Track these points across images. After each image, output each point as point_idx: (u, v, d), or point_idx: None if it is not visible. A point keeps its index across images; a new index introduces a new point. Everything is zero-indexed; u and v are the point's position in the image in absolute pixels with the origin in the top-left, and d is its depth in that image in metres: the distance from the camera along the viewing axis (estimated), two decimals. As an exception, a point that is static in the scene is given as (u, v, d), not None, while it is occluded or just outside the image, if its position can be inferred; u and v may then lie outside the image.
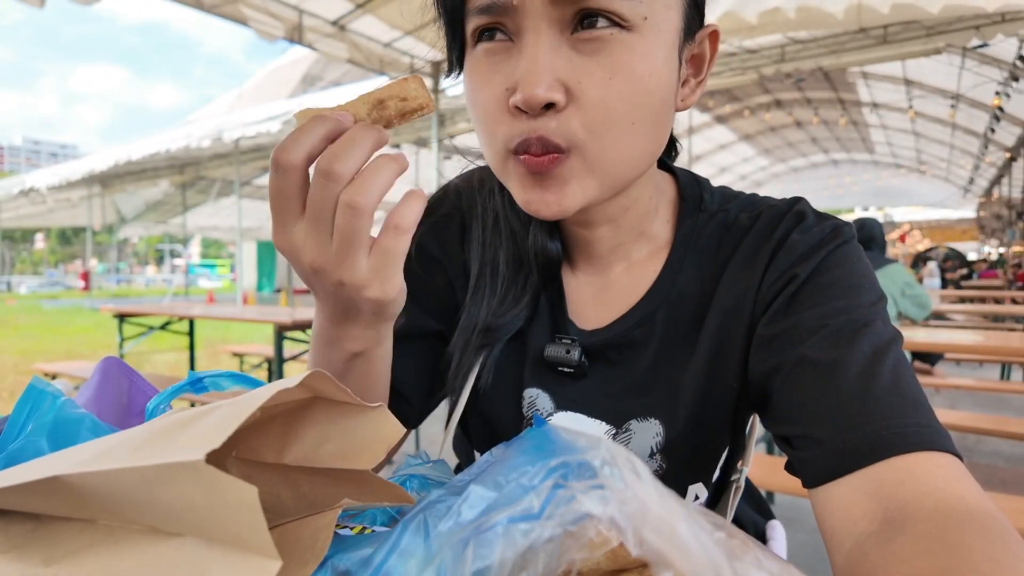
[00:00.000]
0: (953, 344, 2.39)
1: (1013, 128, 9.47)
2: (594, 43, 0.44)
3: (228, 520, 0.24)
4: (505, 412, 0.61)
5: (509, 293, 0.60)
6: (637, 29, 0.44)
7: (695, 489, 0.59)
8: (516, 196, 0.50)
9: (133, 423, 0.51)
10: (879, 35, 5.29)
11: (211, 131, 8.51)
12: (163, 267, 48.70)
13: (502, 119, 0.47)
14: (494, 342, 0.60)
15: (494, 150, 0.49)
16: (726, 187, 0.62)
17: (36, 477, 0.26)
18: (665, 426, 0.56)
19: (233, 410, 0.27)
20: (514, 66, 0.46)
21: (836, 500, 0.41)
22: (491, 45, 0.47)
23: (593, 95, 0.44)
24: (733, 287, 0.54)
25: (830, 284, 0.49)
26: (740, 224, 0.56)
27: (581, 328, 0.60)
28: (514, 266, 0.61)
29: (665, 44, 0.46)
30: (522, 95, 0.44)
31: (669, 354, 0.57)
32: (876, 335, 0.45)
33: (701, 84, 0.53)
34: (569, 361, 0.58)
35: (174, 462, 0.23)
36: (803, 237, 0.52)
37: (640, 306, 0.58)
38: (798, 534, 2.20)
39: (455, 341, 0.61)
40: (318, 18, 4.71)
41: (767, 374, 0.49)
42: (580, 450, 0.24)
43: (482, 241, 0.62)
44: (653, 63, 0.45)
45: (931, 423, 0.41)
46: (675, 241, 0.58)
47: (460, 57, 0.51)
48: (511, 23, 0.45)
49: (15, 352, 7.27)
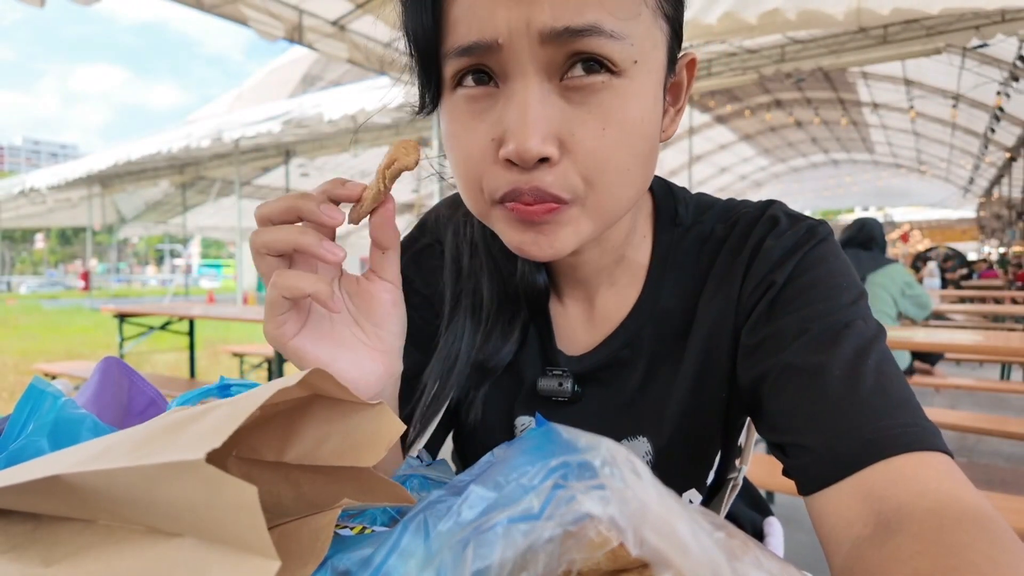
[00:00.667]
0: (953, 344, 2.39)
1: (1013, 128, 9.47)
2: (584, 91, 0.42)
3: (228, 520, 0.24)
4: (497, 438, 0.61)
5: (496, 328, 0.59)
6: (627, 73, 0.42)
7: (689, 495, 0.59)
8: (506, 239, 0.48)
9: (133, 423, 0.51)
10: (879, 35, 5.29)
11: (211, 131, 8.53)
12: (163, 267, 48.71)
13: (488, 169, 0.45)
14: (488, 380, 0.59)
15: (478, 198, 0.47)
16: (703, 194, 0.61)
17: (36, 476, 0.26)
18: (652, 442, 0.57)
19: (233, 409, 0.27)
20: (500, 114, 0.43)
21: (830, 506, 0.41)
22: (473, 91, 0.44)
23: (587, 147, 0.43)
24: (714, 300, 0.54)
25: (808, 287, 0.49)
26: (716, 236, 0.56)
27: (570, 355, 0.59)
28: (499, 300, 0.59)
29: (654, 84, 0.45)
30: (515, 148, 0.41)
31: (656, 372, 0.57)
32: (858, 335, 0.45)
33: (680, 112, 0.52)
34: (562, 393, 0.58)
35: (174, 461, 0.23)
36: (777, 242, 0.51)
37: (625, 326, 0.57)
38: (797, 534, 2.20)
39: (430, 370, 0.58)
40: (318, 18, 4.72)
41: (755, 382, 0.49)
42: (580, 450, 0.24)
43: (456, 269, 0.61)
44: (644, 107, 0.44)
45: (918, 421, 0.41)
46: (653, 259, 0.58)
47: (435, 97, 0.47)
48: (496, 65, 0.42)
49: (15, 352, 7.27)
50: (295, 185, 12.99)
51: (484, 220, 0.49)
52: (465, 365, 0.58)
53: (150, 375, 4.13)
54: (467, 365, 0.58)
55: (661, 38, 0.45)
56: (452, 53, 0.43)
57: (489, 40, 0.41)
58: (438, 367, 0.58)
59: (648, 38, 0.43)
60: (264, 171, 12.86)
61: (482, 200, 0.47)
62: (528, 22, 0.40)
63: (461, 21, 0.42)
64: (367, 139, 9.45)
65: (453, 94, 0.45)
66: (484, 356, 0.58)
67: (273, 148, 10.67)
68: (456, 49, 0.42)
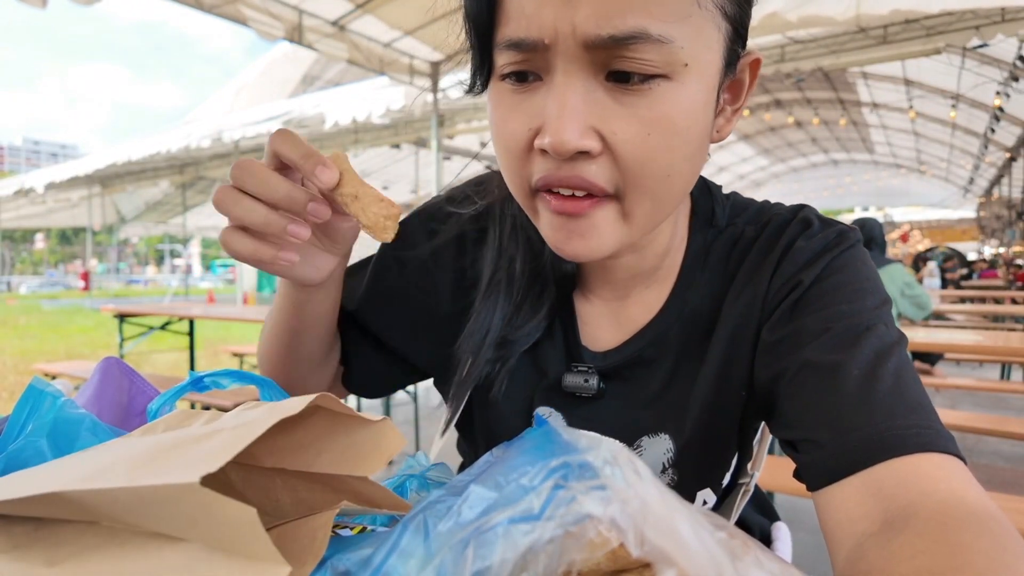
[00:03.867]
0: (953, 344, 2.39)
1: (1013, 128, 9.47)
2: (630, 92, 0.41)
3: (229, 535, 0.24)
4: (515, 427, 0.61)
5: (525, 302, 0.59)
6: (676, 76, 0.41)
7: (703, 495, 0.59)
8: (544, 234, 0.48)
9: (133, 423, 0.51)
10: (879, 35, 5.29)
11: (211, 131, 8.53)
12: (163, 267, 48.68)
13: (527, 158, 0.45)
14: (511, 356, 0.59)
15: (519, 187, 0.48)
16: (737, 195, 0.61)
17: (34, 492, 0.26)
18: (674, 440, 0.57)
19: (235, 435, 0.27)
20: (540, 105, 0.43)
21: (837, 501, 0.41)
22: (519, 86, 0.45)
23: (629, 150, 0.42)
24: (740, 298, 0.54)
25: (834, 288, 0.49)
26: (747, 237, 0.56)
27: (595, 351, 0.59)
28: (531, 275, 0.59)
29: (705, 88, 0.44)
30: (551, 140, 0.41)
31: (681, 370, 0.57)
32: (878, 338, 0.45)
33: (737, 112, 0.51)
34: (587, 389, 0.58)
35: (171, 483, 0.23)
36: (808, 244, 0.52)
37: (652, 326, 0.57)
38: (798, 533, 2.20)
39: (463, 346, 0.59)
40: (318, 18, 4.71)
41: (772, 379, 0.49)
42: (581, 450, 0.24)
43: (498, 246, 0.61)
44: (692, 111, 0.43)
45: (932, 424, 0.41)
46: (686, 259, 0.58)
47: (486, 80, 0.48)
48: (541, 61, 0.42)
49: (15, 352, 7.27)
50: (295, 185, 12.93)
51: (528, 212, 0.50)
52: (495, 339, 0.59)
53: (150, 375, 4.12)
54: (496, 339, 0.59)
55: (718, 38, 0.43)
56: (502, 44, 0.43)
57: (535, 39, 0.41)
58: (471, 342, 0.59)
59: (700, 39, 0.42)
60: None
61: (523, 188, 0.47)
62: (574, 26, 0.40)
63: (512, 16, 0.42)
64: (367, 139, 9.45)
65: (500, 83, 0.46)
66: (510, 329, 0.59)
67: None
68: (506, 42, 0.43)
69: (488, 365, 0.59)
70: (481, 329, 0.59)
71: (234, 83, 10.75)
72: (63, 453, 0.37)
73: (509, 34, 0.42)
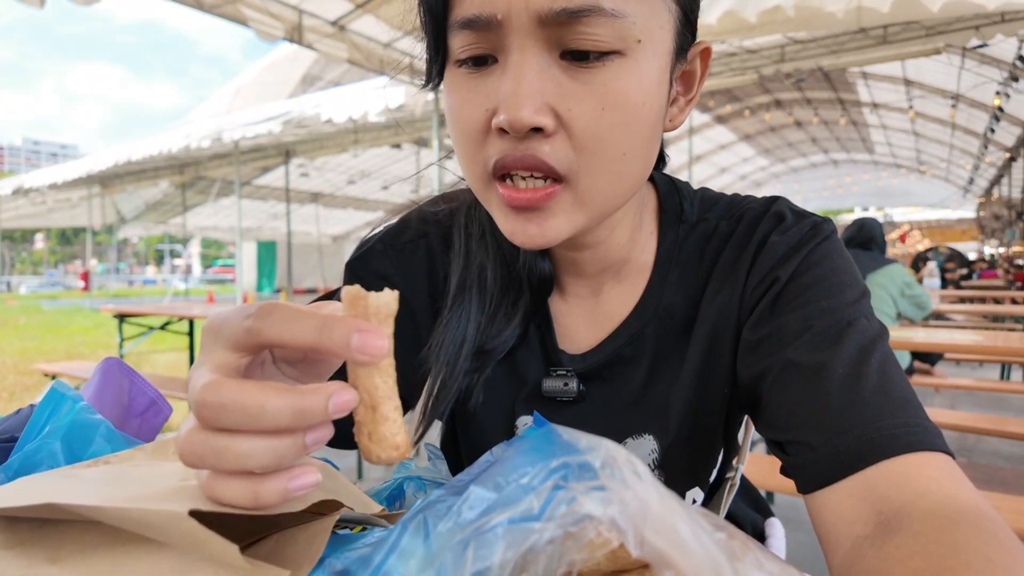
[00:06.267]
0: (953, 344, 2.39)
1: (1013, 128, 9.47)
2: (584, 68, 0.42)
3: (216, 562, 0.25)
4: (497, 439, 0.60)
5: (499, 311, 0.58)
6: (630, 52, 0.42)
7: (692, 493, 0.59)
8: (499, 224, 0.48)
9: (134, 423, 0.52)
10: (879, 35, 5.29)
11: (211, 131, 8.52)
12: (163, 267, 48.68)
13: (483, 141, 0.45)
14: (487, 365, 0.58)
15: (475, 174, 0.47)
16: (706, 189, 0.61)
17: (32, 503, 0.26)
18: (659, 440, 0.56)
19: None
20: (496, 85, 0.43)
21: (830, 505, 0.41)
22: (475, 70, 0.44)
23: (584, 126, 0.42)
24: (718, 296, 0.54)
25: (812, 284, 0.49)
26: (720, 232, 0.56)
27: (572, 354, 0.58)
28: (503, 283, 0.58)
29: (658, 67, 0.44)
30: (506, 117, 0.41)
31: (660, 369, 0.56)
32: (861, 334, 0.45)
33: (691, 102, 0.51)
34: (567, 393, 0.57)
35: (161, 510, 0.24)
36: (782, 239, 0.51)
37: (628, 323, 0.57)
38: (797, 533, 2.20)
39: (436, 359, 0.57)
40: (318, 18, 4.71)
41: (755, 378, 0.49)
42: (580, 451, 0.24)
43: (465, 252, 0.59)
44: (647, 89, 0.43)
45: (920, 421, 0.41)
46: (658, 256, 0.57)
47: (441, 69, 0.48)
48: (496, 40, 0.42)
49: (15, 352, 7.26)
50: (295, 185, 12.98)
51: (483, 201, 0.49)
52: (471, 350, 0.57)
53: (150, 375, 4.12)
54: (472, 350, 0.58)
55: (669, 19, 0.44)
56: (456, 25, 0.43)
57: (488, 15, 0.41)
58: (445, 353, 0.57)
59: (654, 18, 0.43)
60: (264, 171, 12.86)
61: (480, 174, 0.47)
62: (527, 2, 0.40)
63: None
64: (367, 139, 9.45)
65: (457, 69, 0.46)
66: (485, 339, 0.58)
67: (273, 148, 10.66)
68: (459, 21, 0.43)
69: (466, 377, 0.57)
70: (455, 340, 0.57)
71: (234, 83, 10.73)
72: (76, 456, 0.38)
73: (463, 13, 0.43)
